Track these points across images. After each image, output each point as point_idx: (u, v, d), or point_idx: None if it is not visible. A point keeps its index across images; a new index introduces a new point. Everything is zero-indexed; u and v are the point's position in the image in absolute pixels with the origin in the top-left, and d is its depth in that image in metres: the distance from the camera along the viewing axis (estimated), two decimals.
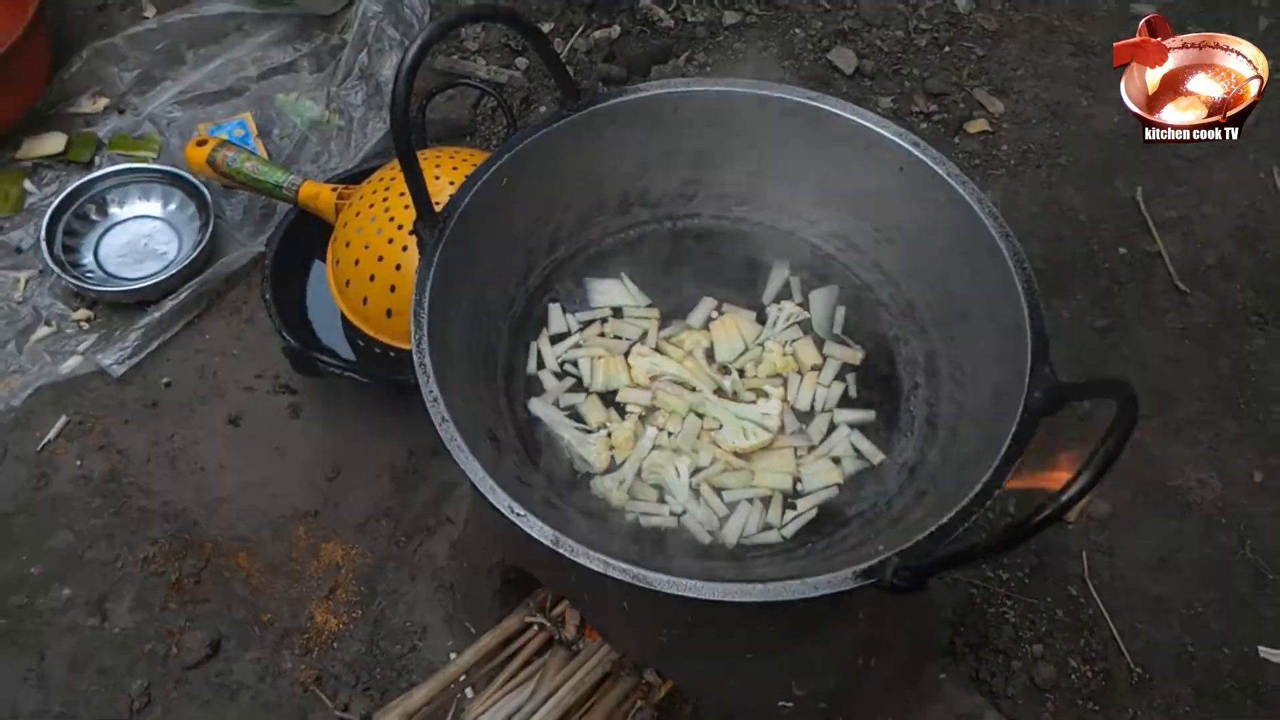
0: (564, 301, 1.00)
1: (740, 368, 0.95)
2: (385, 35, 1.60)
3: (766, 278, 1.01)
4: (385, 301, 1.28)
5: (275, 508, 1.35)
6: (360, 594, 1.28)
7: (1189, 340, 1.49)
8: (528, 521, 0.72)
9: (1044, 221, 1.58)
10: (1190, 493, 1.37)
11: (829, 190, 0.98)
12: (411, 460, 1.38)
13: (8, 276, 1.53)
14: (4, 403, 1.41)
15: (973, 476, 0.76)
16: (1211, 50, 0.86)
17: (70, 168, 1.62)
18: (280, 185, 1.41)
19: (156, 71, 1.68)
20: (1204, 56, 0.86)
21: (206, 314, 1.50)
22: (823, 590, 0.68)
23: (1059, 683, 1.24)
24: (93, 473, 1.38)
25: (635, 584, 0.69)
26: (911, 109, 1.67)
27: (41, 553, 1.32)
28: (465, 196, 0.89)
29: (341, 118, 1.60)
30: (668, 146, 0.99)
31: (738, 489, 0.88)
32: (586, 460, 0.89)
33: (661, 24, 1.69)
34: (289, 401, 1.43)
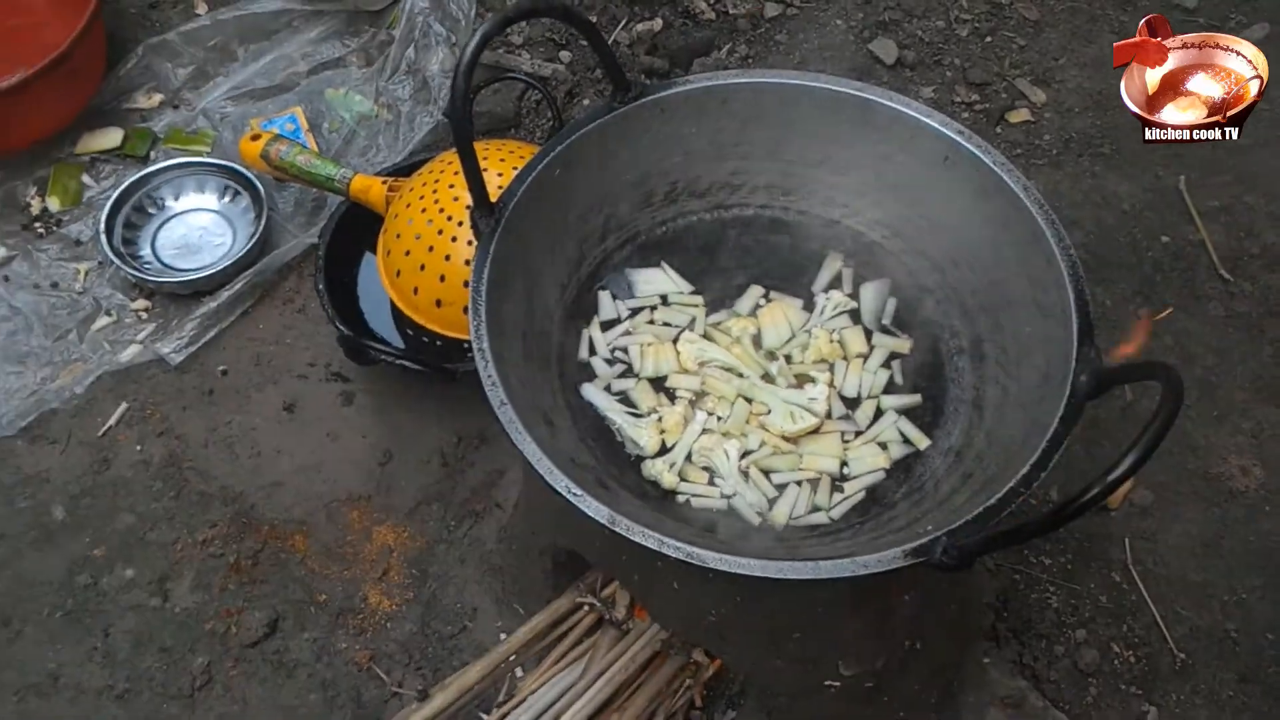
0: (614, 289, 1.02)
1: (787, 354, 0.97)
2: (432, 31, 1.62)
3: (813, 266, 1.03)
4: (435, 291, 1.32)
5: (329, 492, 1.39)
6: (412, 576, 1.32)
7: (1232, 329, 1.49)
8: (584, 501, 0.75)
9: (1087, 210, 1.58)
10: (1233, 480, 1.37)
11: (874, 179, 1.00)
12: (460, 446, 1.41)
13: (68, 268, 1.58)
14: (67, 390, 1.46)
15: (1018, 459, 0.77)
16: (1211, 50, 0.86)
17: (127, 162, 1.67)
18: (332, 178, 1.44)
19: (209, 68, 1.72)
20: (1204, 56, 0.87)
21: (260, 304, 1.54)
22: (873, 568, 0.70)
23: (1102, 667, 1.25)
24: (153, 457, 1.42)
25: (690, 561, 0.71)
26: (953, 99, 1.68)
27: (105, 534, 1.37)
28: (520, 187, 0.92)
29: (389, 112, 1.63)
30: (715, 137, 1.01)
31: (786, 472, 0.90)
32: (638, 444, 0.91)
33: (703, 16, 1.71)
34: (341, 389, 1.46)
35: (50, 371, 1.48)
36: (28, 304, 1.53)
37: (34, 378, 1.48)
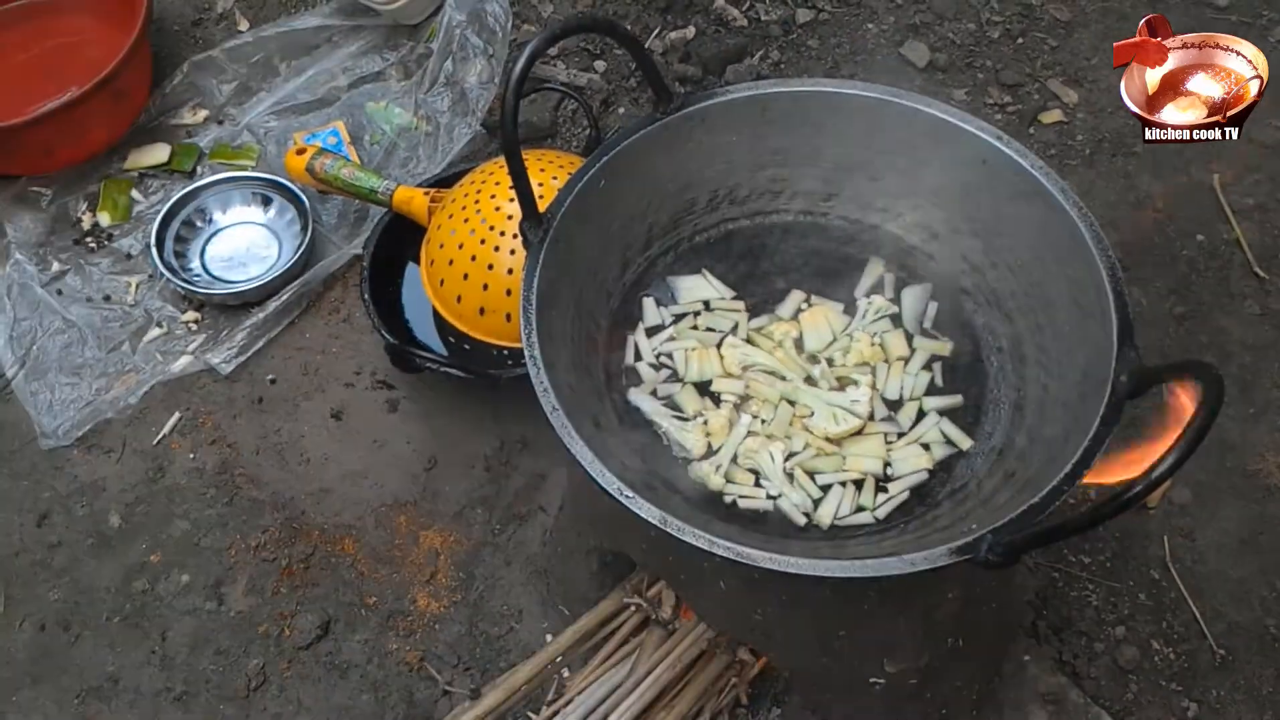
0: (658, 296, 1.05)
1: (829, 357, 0.99)
2: (469, 44, 1.66)
3: (853, 270, 1.05)
4: (478, 300, 1.35)
5: (377, 497, 1.42)
6: (459, 579, 1.35)
7: (1268, 326, 1.49)
8: (635, 503, 0.77)
9: (1121, 210, 1.59)
10: (1270, 477, 1.38)
11: (913, 183, 1.02)
12: (503, 451, 1.44)
13: (120, 281, 1.62)
14: (122, 400, 1.50)
15: (1060, 458, 0.79)
16: (1211, 50, 0.87)
17: (174, 177, 1.71)
18: (375, 190, 1.48)
19: (252, 83, 1.77)
20: (1204, 56, 0.87)
21: (307, 314, 1.57)
22: (921, 566, 0.72)
23: (1142, 664, 1.26)
24: (205, 465, 1.46)
25: (740, 560, 0.74)
26: (985, 101, 1.69)
27: (160, 541, 1.41)
28: (567, 198, 0.94)
29: (429, 124, 1.67)
30: (755, 145, 1.03)
31: (830, 473, 0.92)
32: (684, 446, 0.94)
33: (735, 23, 1.73)
34: (386, 396, 1.50)
35: (105, 382, 1.53)
36: (81, 317, 1.58)
37: (89, 389, 1.52)
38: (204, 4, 1.87)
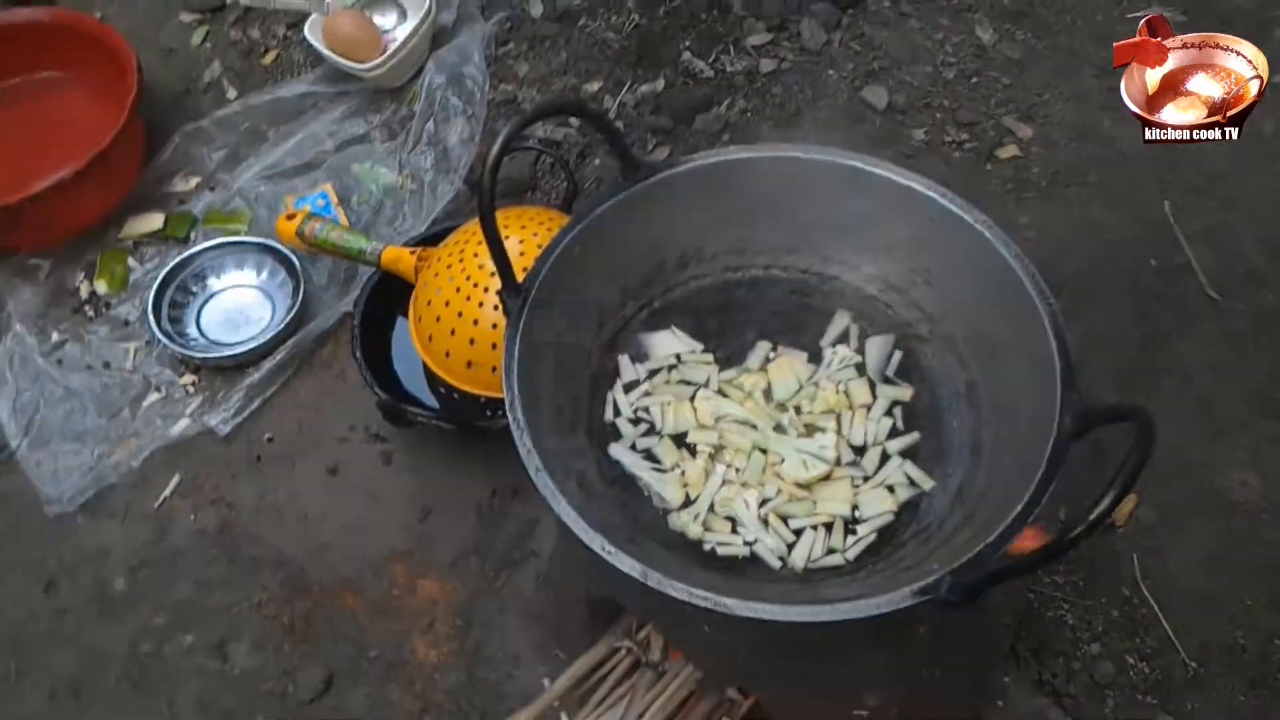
0: (632, 353, 1.10)
1: (796, 405, 1.05)
2: (449, 104, 1.72)
3: (815, 320, 1.11)
4: (466, 354, 1.40)
5: (374, 549, 1.46)
6: (456, 627, 1.39)
7: (1225, 347, 1.55)
8: (618, 558, 0.82)
9: (1077, 240, 1.65)
10: (1234, 493, 1.43)
11: (868, 238, 1.08)
12: (495, 499, 1.49)
13: (118, 348, 1.67)
14: (124, 465, 1.55)
15: (1013, 497, 0.85)
16: (1211, 50, 0.89)
17: (169, 243, 1.76)
18: (364, 251, 1.53)
19: (242, 150, 1.82)
20: (1204, 56, 0.89)
21: (301, 372, 1.62)
22: (885, 608, 0.78)
23: (1118, 679, 1.30)
24: (207, 526, 1.50)
25: (716, 609, 0.79)
26: (944, 139, 1.76)
27: (165, 603, 1.45)
28: (544, 266, 1.00)
29: (413, 182, 1.73)
30: (720, 208, 1.09)
31: (802, 517, 0.97)
32: (664, 498, 0.99)
33: (702, 75, 1.80)
34: (380, 450, 1.55)
35: (106, 448, 1.57)
36: (82, 384, 1.63)
37: (91, 455, 1.57)
38: (192, 74, 1.93)
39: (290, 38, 1.93)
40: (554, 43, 1.86)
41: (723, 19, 1.85)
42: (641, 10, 1.85)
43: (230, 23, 1.97)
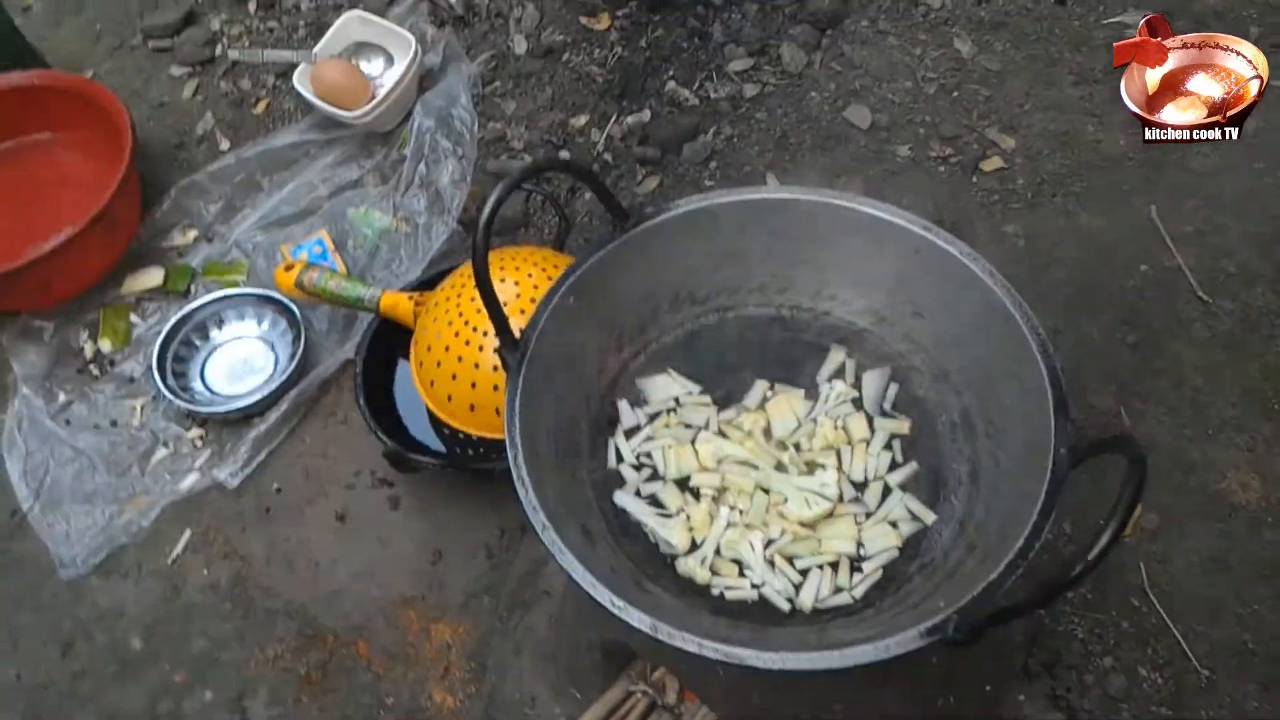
0: (631, 398, 1.12)
1: (796, 443, 1.06)
2: (440, 146, 1.74)
3: (810, 356, 1.12)
4: (468, 397, 1.41)
5: (385, 596, 1.48)
6: (471, 670, 1.41)
7: (1217, 348, 1.56)
8: (628, 613, 0.83)
9: (1066, 248, 1.67)
10: (1233, 495, 1.45)
11: (856, 273, 1.09)
12: (504, 538, 1.50)
13: (124, 405, 1.69)
14: (135, 523, 1.57)
15: (1013, 529, 0.86)
16: (1211, 50, 0.89)
17: (170, 298, 1.78)
18: (362, 299, 1.55)
19: (237, 201, 1.84)
20: (1204, 56, 0.90)
21: (305, 420, 1.64)
22: (895, 651, 0.79)
23: (1131, 691, 1.32)
24: (219, 580, 1.52)
25: (728, 661, 0.80)
26: (929, 154, 1.77)
27: (181, 659, 1.47)
28: (540, 320, 1.02)
29: (408, 224, 1.75)
30: (709, 250, 1.10)
31: (807, 556, 0.98)
32: (670, 543, 1.00)
33: (687, 103, 1.81)
34: (387, 494, 1.56)
35: (116, 507, 1.59)
36: (90, 444, 1.64)
37: (102, 515, 1.58)
38: (184, 128, 1.95)
39: (280, 87, 1.95)
40: (539, 79, 1.87)
41: (704, 47, 1.87)
42: (623, 43, 1.87)
43: (220, 75, 1.99)
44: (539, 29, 1.92)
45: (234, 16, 2.06)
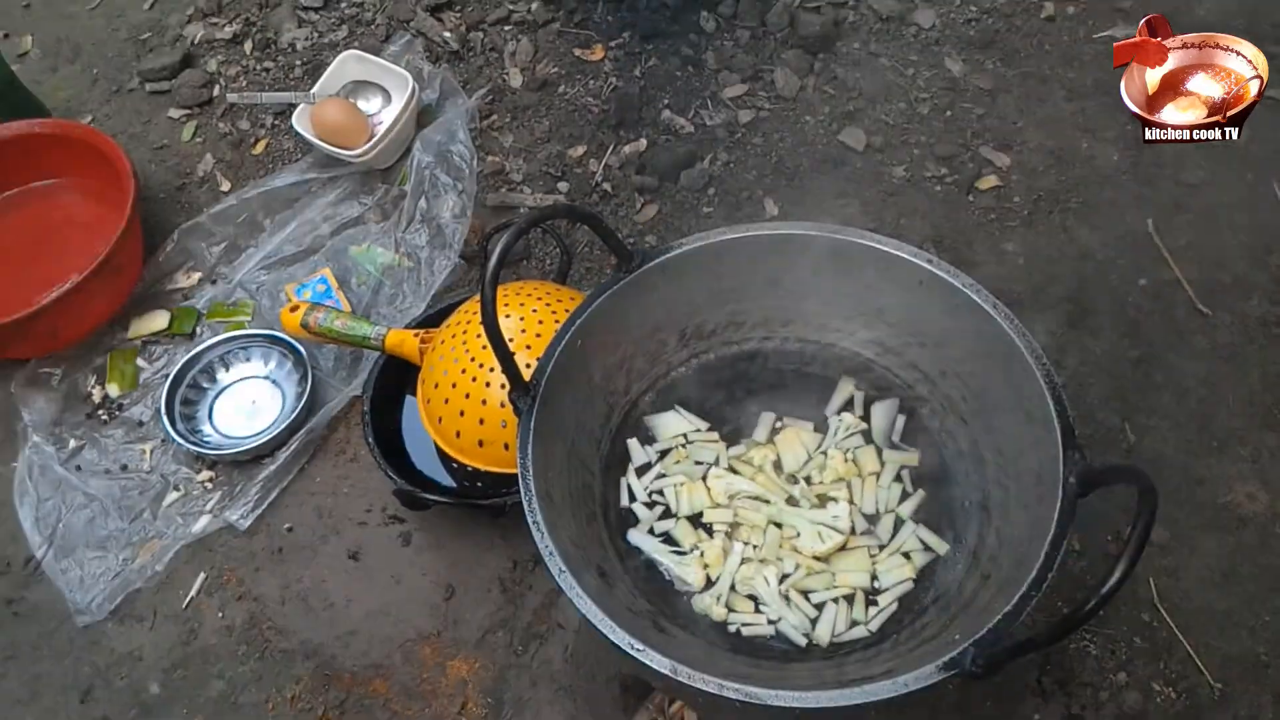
0: (641, 436, 1.13)
1: (806, 476, 1.07)
2: (439, 181, 1.75)
3: (816, 388, 1.14)
4: (476, 433, 1.42)
5: (400, 633, 1.49)
6: (488, 705, 1.41)
7: (1218, 360, 1.58)
8: (646, 655, 0.85)
9: (1064, 264, 1.68)
10: (1241, 507, 1.46)
11: (860, 305, 1.11)
12: (516, 571, 1.51)
13: (134, 449, 1.70)
14: (149, 568, 1.57)
15: (1027, 558, 0.87)
16: (1211, 50, 0.89)
17: (176, 340, 1.79)
18: (368, 337, 1.56)
19: (240, 241, 1.85)
20: (1204, 56, 0.90)
21: (315, 459, 1.65)
22: (913, 686, 0.80)
23: (1146, 707, 1.32)
24: (235, 622, 1.53)
25: (749, 701, 0.81)
26: (924, 174, 1.79)
27: (199, 704, 1.47)
28: (549, 364, 1.03)
29: (410, 260, 1.76)
30: (713, 286, 1.12)
31: (822, 590, 0.99)
32: (685, 581, 1.01)
33: (683, 131, 1.83)
34: (399, 531, 1.57)
35: (130, 552, 1.59)
36: (101, 489, 1.65)
37: (116, 560, 1.59)
38: (185, 170, 1.96)
39: (279, 126, 1.97)
40: (535, 112, 1.89)
41: (698, 74, 1.88)
42: (618, 73, 1.89)
43: (218, 115, 2.00)
44: (533, 62, 1.94)
45: (230, 58, 2.08)
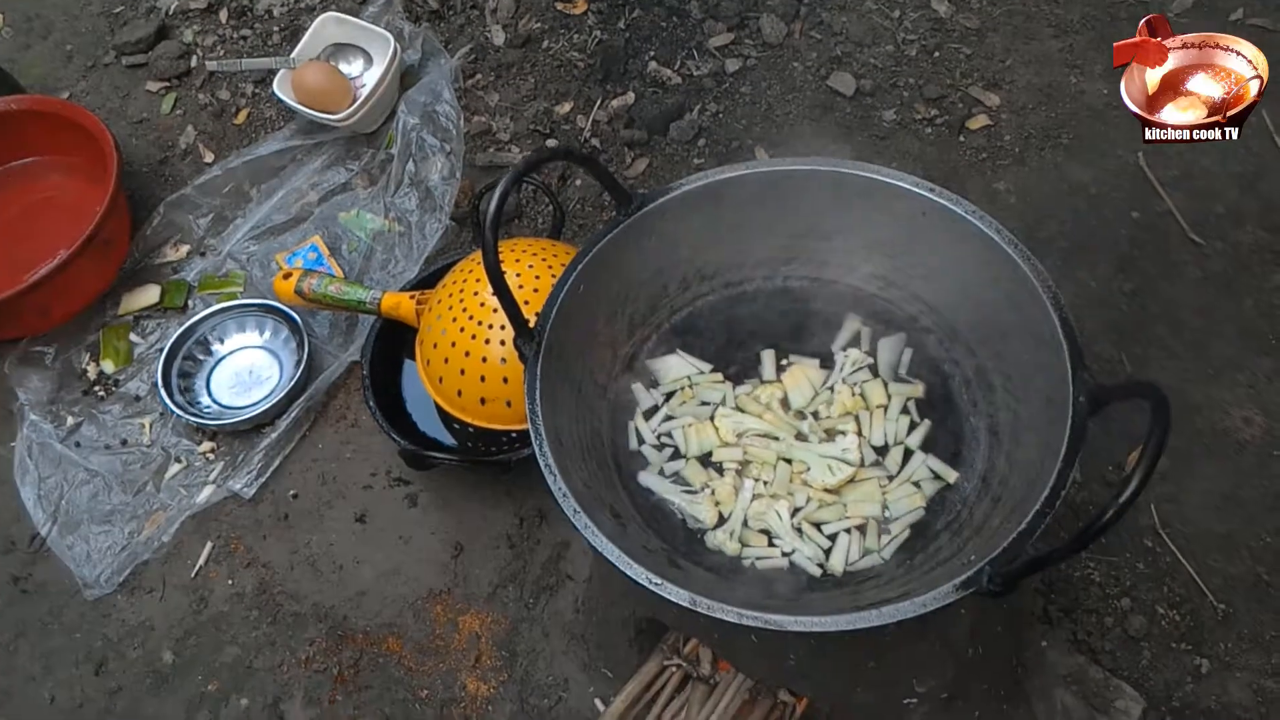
0: (645, 380, 1.13)
1: (814, 411, 1.08)
2: (426, 143, 1.74)
3: (819, 325, 1.13)
4: (478, 391, 1.42)
5: (411, 592, 1.49)
6: (502, 658, 1.42)
7: (1211, 288, 1.59)
8: (665, 589, 0.85)
9: (1057, 200, 1.69)
10: (1239, 432, 1.47)
11: (862, 239, 1.10)
12: (523, 527, 1.52)
13: (133, 424, 1.69)
14: (155, 540, 1.57)
15: (1039, 479, 0.88)
16: (1211, 50, 0.90)
17: (168, 314, 1.78)
18: (363, 301, 1.55)
19: (227, 212, 1.84)
20: (1204, 56, 0.90)
21: (316, 426, 1.65)
22: (931, 606, 0.80)
23: (1150, 630, 1.34)
24: (245, 589, 1.53)
25: (769, 628, 0.82)
26: (914, 117, 1.78)
27: (214, 670, 1.48)
28: (552, 309, 1.02)
29: (400, 224, 1.75)
30: (714, 227, 1.11)
31: (835, 521, 1.00)
32: (698, 519, 1.02)
33: (671, 83, 1.82)
34: (405, 492, 1.57)
35: (135, 525, 1.59)
36: (103, 465, 1.65)
37: (122, 534, 1.59)
38: (167, 143, 1.94)
39: (260, 94, 1.94)
40: (520, 69, 1.87)
41: (683, 24, 1.87)
42: (601, 26, 1.87)
43: (198, 86, 1.98)
44: (515, 18, 1.92)
45: (206, 27, 2.05)
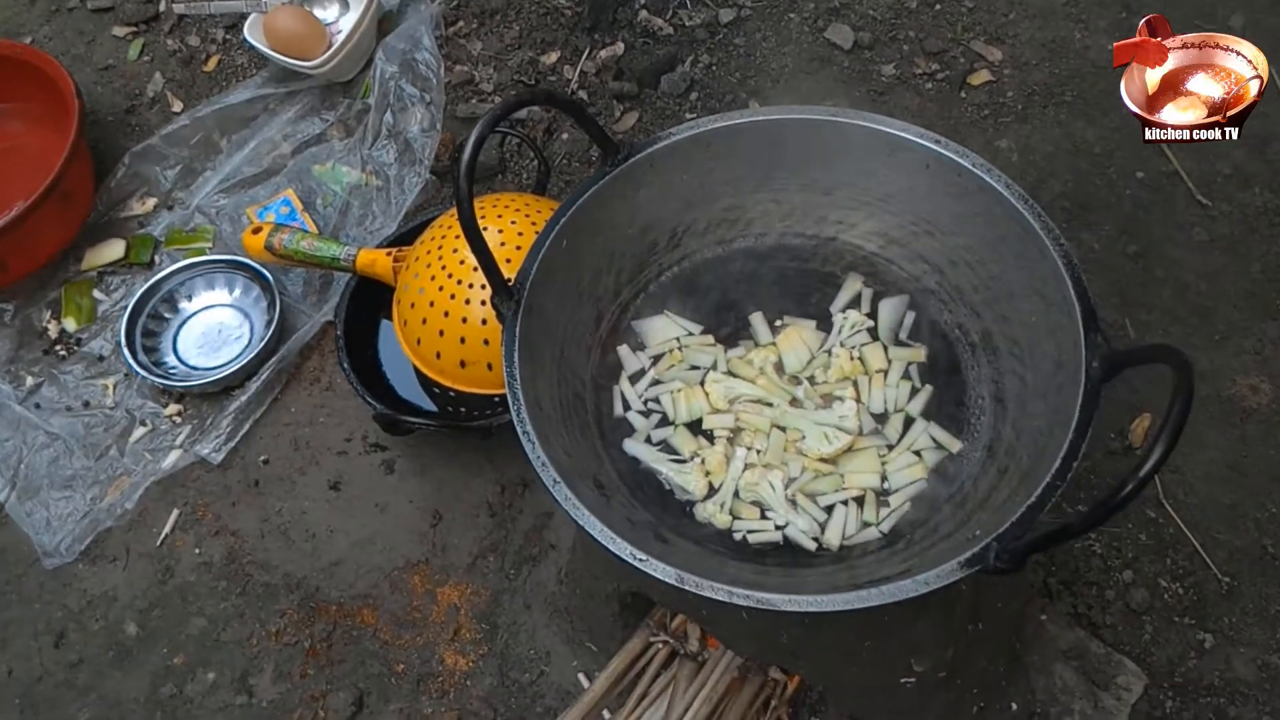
0: (631, 342, 1.07)
1: (810, 376, 1.02)
2: (405, 93, 1.66)
3: (818, 285, 1.07)
4: (457, 353, 1.36)
5: (388, 561, 1.44)
6: (482, 630, 1.37)
7: (1218, 251, 1.53)
8: (650, 565, 0.79)
9: (1060, 160, 1.62)
10: (1245, 400, 1.42)
11: (863, 194, 1.04)
12: (505, 495, 1.46)
13: (96, 385, 1.62)
14: (118, 506, 1.51)
15: (1048, 448, 0.82)
16: (1211, 50, 0.88)
17: (134, 270, 1.70)
18: (338, 258, 1.48)
19: (196, 164, 1.76)
20: (1204, 56, 0.88)
21: (288, 388, 1.58)
22: (934, 584, 0.75)
23: (1153, 604, 1.30)
24: (213, 558, 1.47)
25: (761, 607, 0.76)
26: (914, 72, 1.71)
27: (180, 642, 1.42)
28: (533, 265, 0.96)
29: (378, 178, 1.67)
30: (705, 179, 1.05)
31: (831, 493, 0.94)
32: (686, 489, 0.96)
33: (662, 33, 1.74)
34: (382, 459, 1.51)
35: (98, 490, 1.53)
36: (63, 427, 1.58)
37: (83, 499, 1.52)
38: (134, 91, 1.85)
39: (231, 41, 1.85)
40: (504, 16, 1.79)
41: None
42: None
43: (166, 32, 1.88)
44: None
45: None
